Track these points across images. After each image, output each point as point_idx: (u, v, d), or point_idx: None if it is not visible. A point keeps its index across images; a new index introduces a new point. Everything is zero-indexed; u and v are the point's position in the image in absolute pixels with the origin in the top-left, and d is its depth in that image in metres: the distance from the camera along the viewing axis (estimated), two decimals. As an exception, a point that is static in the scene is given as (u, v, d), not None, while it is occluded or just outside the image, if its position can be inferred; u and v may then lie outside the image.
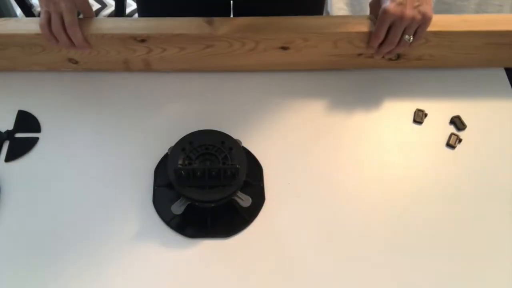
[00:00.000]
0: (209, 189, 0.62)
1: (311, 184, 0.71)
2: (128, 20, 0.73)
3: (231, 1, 0.93)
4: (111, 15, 1.41)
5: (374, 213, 0.69)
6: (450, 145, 0.75)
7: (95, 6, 1.41)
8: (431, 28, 0.72)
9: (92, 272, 0.63)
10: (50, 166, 0.72)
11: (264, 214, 0.68)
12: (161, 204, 0.68)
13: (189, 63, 0.78)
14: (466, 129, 0.77)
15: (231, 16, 0.99)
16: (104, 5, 1.42)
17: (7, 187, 0.69)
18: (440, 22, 0.74)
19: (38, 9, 1.39)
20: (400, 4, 0.66)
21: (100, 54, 0.75)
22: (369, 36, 0.72)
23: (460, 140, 0.75)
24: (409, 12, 0.65)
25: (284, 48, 0.75)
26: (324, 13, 1.59)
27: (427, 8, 0.66)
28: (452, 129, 0.77)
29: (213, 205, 0.64)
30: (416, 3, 0.66)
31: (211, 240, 0.66)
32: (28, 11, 1.37)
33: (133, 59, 0.77)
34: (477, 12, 1.63)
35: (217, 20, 0.74)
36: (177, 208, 0.64)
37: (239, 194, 0.64)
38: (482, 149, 0.75)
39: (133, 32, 0.71)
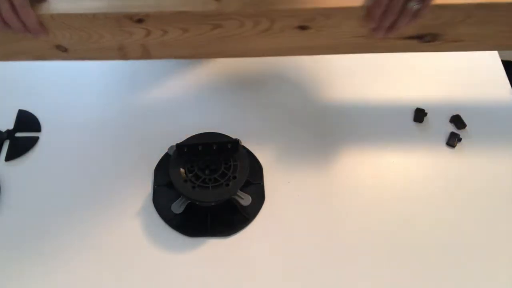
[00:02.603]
0: (209, 188, 0.62)
1: (311, 183, 0.71)
2: None
3: None
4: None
5: (373, 211, 0.69)
6: (450, 144, 0.75)
7: None
8: (472, 0, 0.61)
9: (92, 271, 0.63)
10: (50, 165, 0.72)
11: (264, 213, 0.68)
12: (161, 203, 0.68)
13: (193, 48, 0.68)
14: (466, 128, 0.77)
15: None
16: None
17: (7, 186, 0.69)
18: None
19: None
20: None
21: (92, 39, 0.65)
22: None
23: (460, 139, 0.75)
24: None
25: (302, 27, 0.64)
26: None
27: None
28: (452, 128, 0.77)
29: (213, 204, 0.64)
30: None
31: (211, 239, 0.66)
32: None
33: (130, 44, 0.67)
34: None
35: None
36: (177, 207, 0.64)
37: (239, 193, 0.64)
38: (482, 147, 0.75)
39: (129, 11, 0.62)
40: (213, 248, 0.65)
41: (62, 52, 0.68)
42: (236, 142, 0.65)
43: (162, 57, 0.70)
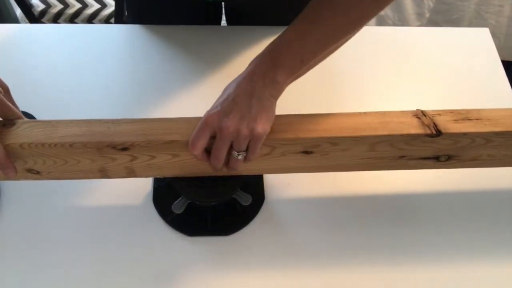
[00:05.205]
0: (209, 188, 0.62)
1: (310, 183, 0.71)
2: (104, 123, 0.57)
3: (222, 3, 0.94)
4: (111, 15, 1.41)
5: (374, 212, 0.69)
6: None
7: (95, 6, 1.41)
8: (493, 128, 0.59)
9: (92, 271, 0.63)
10: (50, 165, 0.71)
11: (264, 213, 0.68)
12: (161, 203, 0.68)
13: (184, 169, 0.61)
14: (466, 128, 0.77)
15: (223, 16, 0.99)
16: (104, 5, 1.42)
17: (7, 187, 0.69)
18: (502, 119, 0.60)
19: (38, 8, 1.39)
20: (223, 112, 0.52)
21: (68, 164, 0.59)
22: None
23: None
24: (232, 123, 0.52)
25: (306, 152, 0.60)
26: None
27: (258, 122, 0.53)
28: (452, 128, 0.77)
29: (213, 203, 0.64)
30: (245, 113, 0.53)
31: (211, 239, 0.66)
32: (27, 11, 1.37)
33: (112, 167, 0.60)
34: (477, 12, 1.58)
35: None
36: (178, 207, 0.64)
37: (239, 192, 0.64)
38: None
39: (112, 140, 0.56)
40: (213, 247, 0.65)
41: (33, 174, 0.61)
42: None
43: (149, 176, 0.65)
